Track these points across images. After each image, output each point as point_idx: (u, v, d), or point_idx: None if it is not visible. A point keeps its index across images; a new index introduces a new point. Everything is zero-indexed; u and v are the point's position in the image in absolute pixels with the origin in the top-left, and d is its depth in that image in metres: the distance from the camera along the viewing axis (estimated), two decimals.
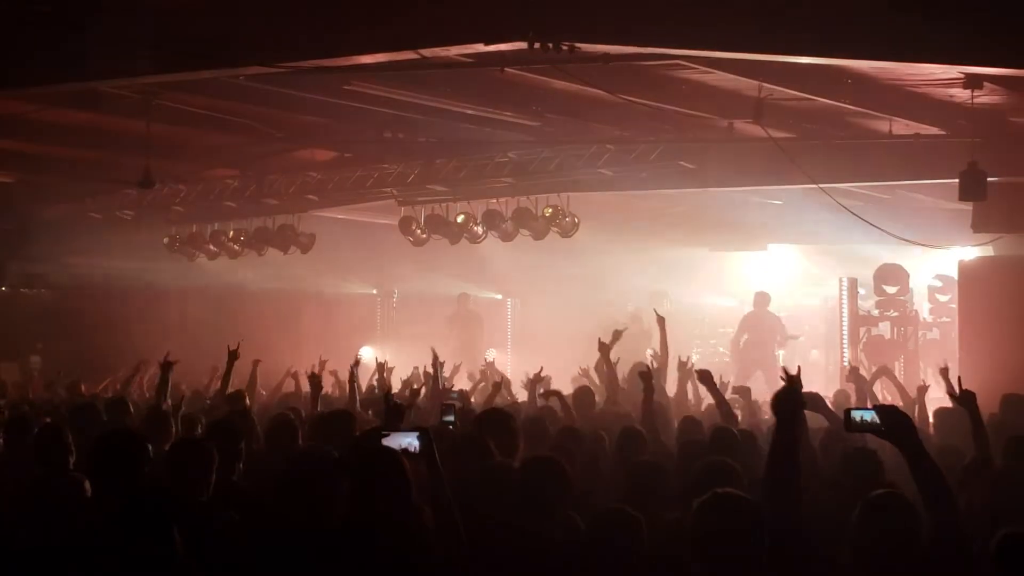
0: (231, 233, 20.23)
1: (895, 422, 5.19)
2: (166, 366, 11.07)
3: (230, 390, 11.37)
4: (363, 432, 7.16)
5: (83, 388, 14.43)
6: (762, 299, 21.18)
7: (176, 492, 5.92)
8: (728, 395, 11.62)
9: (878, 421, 5.23)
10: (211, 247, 20.44)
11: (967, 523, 5.68)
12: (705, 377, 10.36)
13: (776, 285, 22.65)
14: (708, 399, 11.23)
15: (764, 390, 17.70)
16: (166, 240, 20.79)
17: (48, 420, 9.37)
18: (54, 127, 15.41)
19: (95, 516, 6.01)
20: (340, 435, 7.53)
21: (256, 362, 13.53)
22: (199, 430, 9.14)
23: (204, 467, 6.44)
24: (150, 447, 6.43)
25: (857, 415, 5.35)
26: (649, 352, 15.21)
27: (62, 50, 10.67)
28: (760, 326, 20.89)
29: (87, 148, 16.86)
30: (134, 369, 14.73)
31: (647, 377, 9.82)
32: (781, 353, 21.95)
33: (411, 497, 5.62)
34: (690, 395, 13.00)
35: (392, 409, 7.01)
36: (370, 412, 10.57)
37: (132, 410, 10.55)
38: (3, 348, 20.90)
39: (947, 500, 5.07)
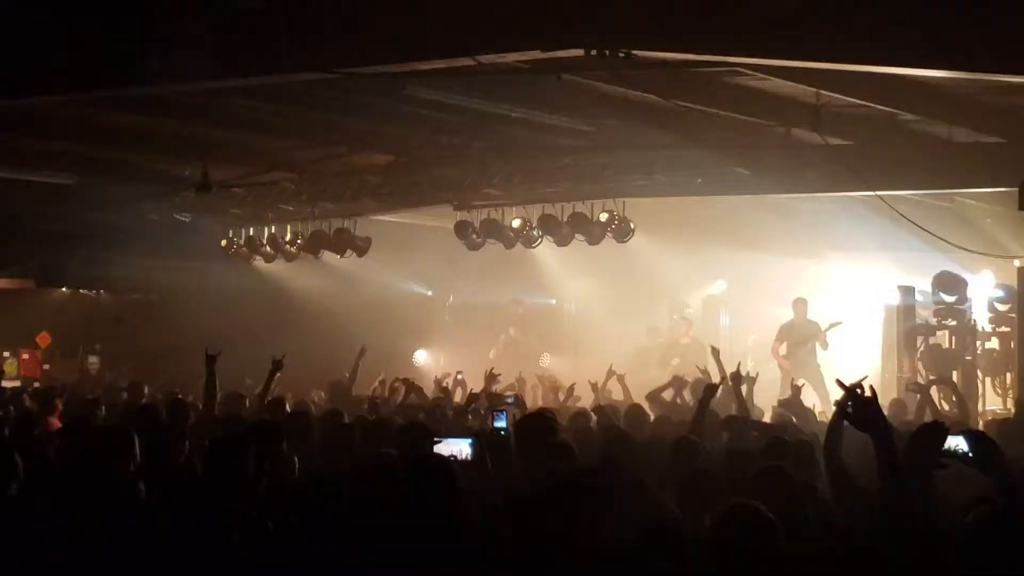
0: (288, 236, 20.36)
1: (984, 450, 5.10)
2: (210, 361, 10.96)
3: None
4: (416, 438, 7.20)
5: (145, 390, 14.56)
6: (800, 306, 20.92)
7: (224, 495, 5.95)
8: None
9: (965, 448, 5.14)
10: (268, 250, 20.58)
11: None
12: (735, 378, 10.36)
13: (833, 292, 22.47)
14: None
15: (812, 397, 17.60)
16: (223, 243, 20.96)
17: (112, 420, 9.51)
18: (113, 130, 15.58)
19: (151, 517, 6.08)
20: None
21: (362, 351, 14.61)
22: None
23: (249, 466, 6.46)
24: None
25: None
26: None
27: (122, 54, 10.79)
28: (798, 333, 20.65)
29: (146, 151, 17.03)
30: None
31: (711, 392, 9.85)
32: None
33: (460, 503, 5.64)
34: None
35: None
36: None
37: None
38: (63, 347, 21.19)
39: None
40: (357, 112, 14.55)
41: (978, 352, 19.19)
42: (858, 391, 5.37)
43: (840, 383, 5.62)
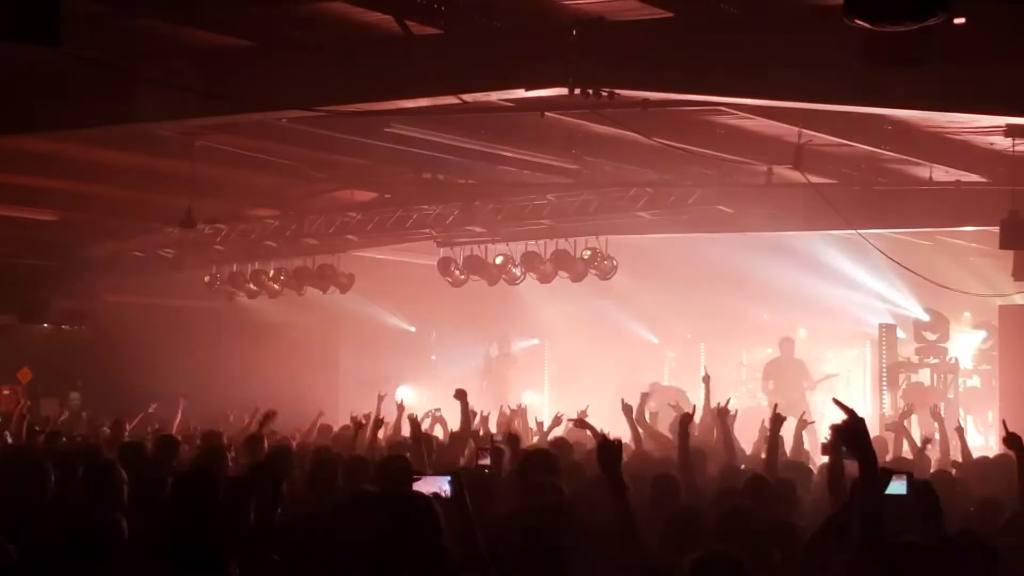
0: (271, 272, 20.37)
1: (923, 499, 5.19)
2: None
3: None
4: (395, 475, 7.19)
5: (127, 427, 14.52)
6: (787, 345, 20.97)
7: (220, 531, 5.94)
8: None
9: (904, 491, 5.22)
10: (251, 286, 20.57)
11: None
12: (721, 413, 10.35)
13: (815, 330, 22.56)
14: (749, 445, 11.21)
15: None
16: (207, 279, 20.94)
17: (98, 457, 9.45)
18: (98, 166, 15.59)
19: (133, 556, 6.05)
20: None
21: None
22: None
23: (244, 506, 6.48)
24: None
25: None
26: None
27: (108, 92, 10.82)
28: (785, 372, 20.68)
29: (130, 187, 17.03)
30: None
31: (686, 422, 9.80)
32: (818, 398, 21.81)
33: (440, 541, 5.63)
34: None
35: None
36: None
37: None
38: (44, 384, 21.10)
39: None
40: (341, 149, 14.59)
41: (960, 390, 19.29)
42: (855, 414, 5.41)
43: (837, 401, 5.59)
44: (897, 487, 5.31)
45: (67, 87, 10.86)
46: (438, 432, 14.44)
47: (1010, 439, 7.89)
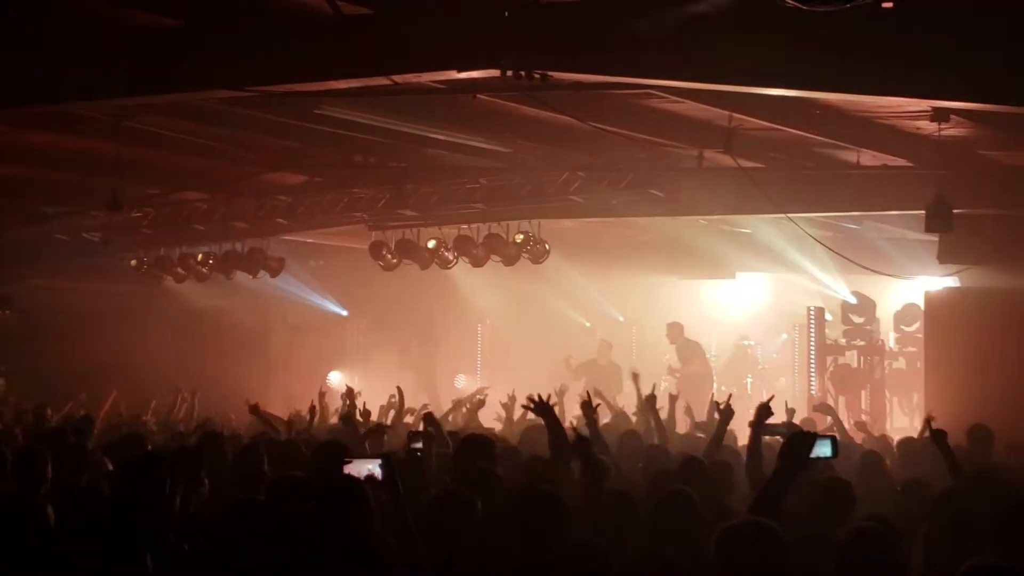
0: (200, 256, 20.13)
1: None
2: None
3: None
4: (325, 459, 7.15)
5: (49, 413, 14.31)
6: (675, 329, 21.20)
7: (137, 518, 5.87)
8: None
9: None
10: (179, 270, 20.34)
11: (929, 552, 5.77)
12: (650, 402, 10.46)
13: (744, 313, 22.74)
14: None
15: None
16: (133, 263, 20.68)
17: (26, 444, 9.36)
18: (21, 147, 15.30)
19: (60, 542, 5.95)
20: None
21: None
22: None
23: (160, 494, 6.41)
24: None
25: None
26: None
27: (31, 71, 10.62)
28: (681, 356, 20.98)
29: (54, 169, 16.75)
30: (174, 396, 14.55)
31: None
32: (749, 380, 22.01)
33: (371, 524, 5.61)
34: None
35: None
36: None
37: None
38: None
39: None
40: (271, 131, 14.45)
41: (886, 372, 19.54)
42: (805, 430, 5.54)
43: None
44: (822, 450, 5.41)
45: None
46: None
47: (936, 437, 8.02)
